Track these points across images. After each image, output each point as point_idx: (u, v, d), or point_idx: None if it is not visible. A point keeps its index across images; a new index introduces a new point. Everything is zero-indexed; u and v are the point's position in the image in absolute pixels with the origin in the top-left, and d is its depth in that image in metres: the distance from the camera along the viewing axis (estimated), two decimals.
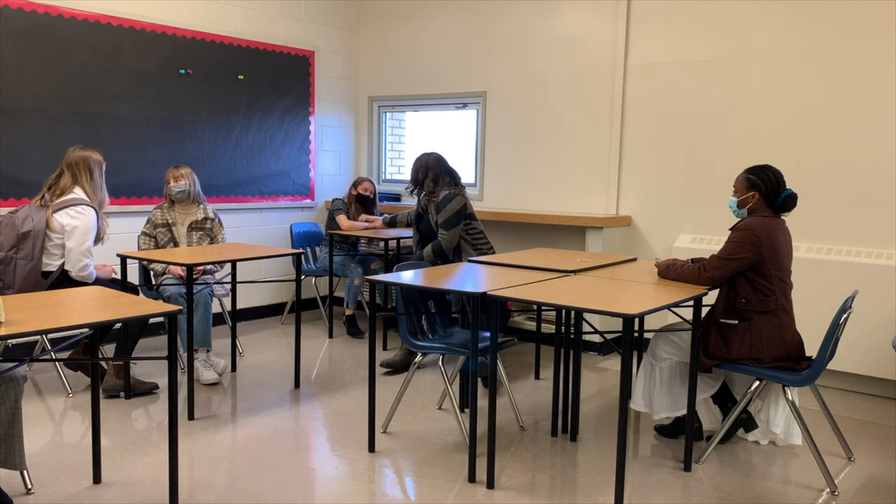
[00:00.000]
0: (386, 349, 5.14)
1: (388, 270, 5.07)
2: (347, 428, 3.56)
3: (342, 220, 5.46)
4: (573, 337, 3.50)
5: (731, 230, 3.18)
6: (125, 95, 4.98)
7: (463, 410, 3.84)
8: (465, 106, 6.03)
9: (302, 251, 4.33)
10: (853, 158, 4.34)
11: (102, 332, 4.52)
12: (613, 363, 4.88)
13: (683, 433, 3.46)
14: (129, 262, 4.16)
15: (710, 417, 3.51)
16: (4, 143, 4.46)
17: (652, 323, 4.66)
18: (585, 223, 4.94)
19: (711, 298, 3.36)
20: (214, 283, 4.54)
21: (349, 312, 5.44)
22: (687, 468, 3.15)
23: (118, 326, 4.40)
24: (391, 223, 5.21)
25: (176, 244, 4.46)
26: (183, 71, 5.27)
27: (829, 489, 3.00)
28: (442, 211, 4.39)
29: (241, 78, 5.63)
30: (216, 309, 5.27)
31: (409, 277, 3.23)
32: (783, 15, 4.50)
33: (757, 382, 3.16)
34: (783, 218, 3.24)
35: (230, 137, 5.62)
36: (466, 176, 5.98)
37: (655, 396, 3.38)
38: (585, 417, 3.79)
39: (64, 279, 3.84)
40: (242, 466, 3.09)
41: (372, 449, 3.29)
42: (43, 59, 4.58)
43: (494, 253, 4.56)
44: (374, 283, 3.20)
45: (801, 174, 4.50)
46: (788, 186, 3.25)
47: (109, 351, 4.79)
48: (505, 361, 4.82)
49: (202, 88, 5.40)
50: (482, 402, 3.89)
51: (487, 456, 2.94)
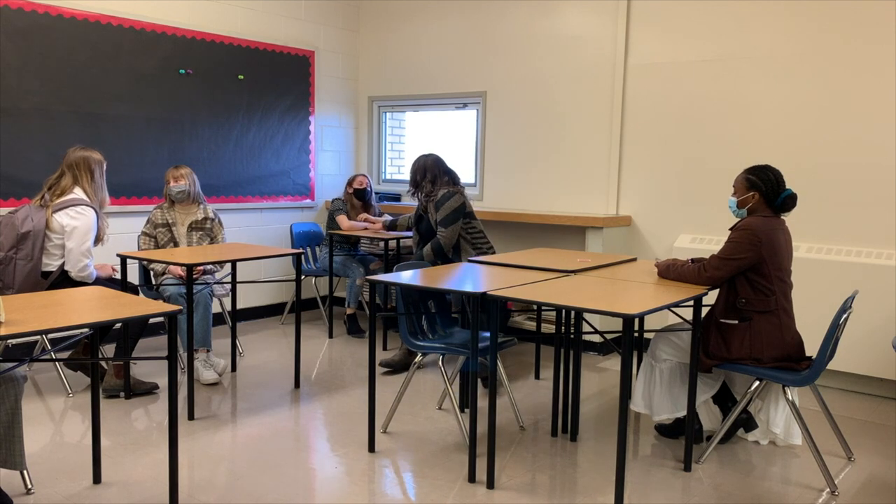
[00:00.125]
0: (386, 349, 5.14)
1: (388, 270, 5.07)
2: (347, 428, 3.56)
3: (342, 220, 5.47)
4: (573, 337, 3.50)
5: (730, 230, 3.18)
6: (125, 95, 4.98)
7: (463, 410, 3.84)
8: (465, 106, 6.03)
9: (302, 251, 4.33)
10: (853, 158, 4.34)
11: (102, 332, 4.52)
12: (613, 363, 4.88)
13: (684, 433, 3.46)
14: (129, 262, 4.16)
15: (710, 417, 3.51)
16: (4, 143, 4.46)
17: (652, 323, 4.66)
18: (585, 223, 4.94)
19: (711, 298, 3.36)
20: (214, 283, 4.54)
21: (350, 312, 5.44)
22: (687, 468, 3.15)
23: (118, 326, 4.40)
24: (391, 226, 5.21)
25: (176, 244, 4.46)
26: (183, 71, 5.28)
27: (829, 489, 3.00)
28: (441, 209, 4.39)
29: (241, 78, 5.64)
30: (216, 309, 5.27)
31: (409, 277, 3.23)
32: (783, 15, 4.51)
33: (757, 382, 3.16)
34: (783, 218, 3.24)
35: (230, 137, 5.62)
36: (466, 176, 5.99)
37: (655, 397, 3.38)
38: (585, 417, 3.79)
39: (64, 279, 3.84)
40: (242, 466, 3.09)
41: (372, 449, 3.29)
42: (43, 59, 4.58)
43: (494, 252, 4.56)
44: (373, 283, 3.21)
45: (801, 174, 4.50)
46: (788, 186, 3.25)
47: (109, 351, 4.79)
48: (505, 361, 4.82)
49: (202, 88, 5.41)
50: (482, 402, 3.89)
51: (487, 456, 2.94)
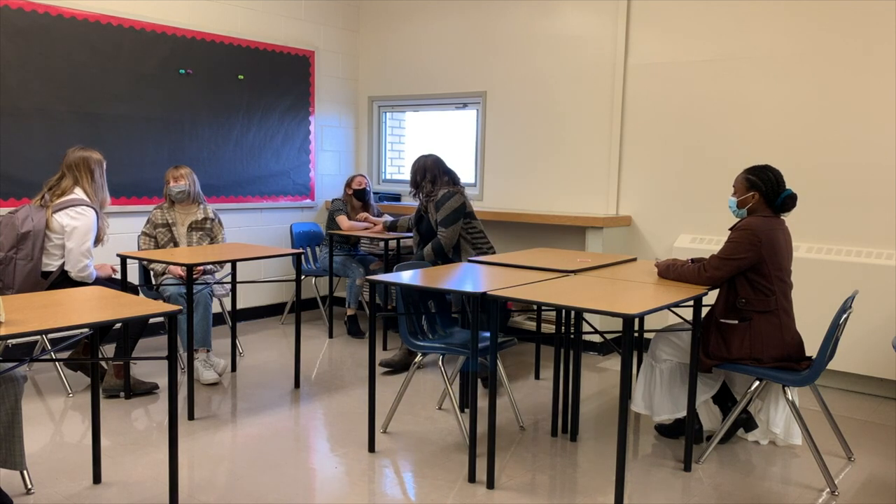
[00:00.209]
0: (386, 349, 5.14)
1: (388, 271, 5.07)
2: (347, 428, 3.56)
3: (342, 220, 5.47)
4: (573, 337, 3.50)
5: (730, 230, 3.18)
6: (125, 95, 4.98)
7: (463, 410, 3.84)
8: (465, 106, 6.03)
9: (302, 251, 4.33)
10: (853, 158, 4.34)
11: (102, 332, 4.52)
12: (613, 363, 4.88)
13: (684, 433, 3.46)
14: (129, 262, 4.16)
15: (710, 417, 3.51)
16: (4, 143, 4.46)
17: (652, 323, 4.66)
18: (585, 223, 4.94)
19: (711, 298, 3.36)
20: (214, 283, 4.54)
21: (351, 312, 5.44)
22: (687, 468, 3.15)
23: (118, 326, 4.40)
24: (392, 227, 5.21)
25: (176, 244, 4.46)
26: (183, 71, 5.28)
27: (829, 489, 3.00)
28: (441, 208, 4.40)
29: (241, 78, 5.64)
30: (216, 309, 5.27)
31: (409, 277, 3.23)
32: (783, 15, 4.50)
33: (757, 382, 3.16)
34: (783, 218, 3.24)
35: (230, 137, 5.62)
36: (466, 176, 5.99)
37: (656, 398, 3.37)
38: (585, 417, 3.79)
39: (64, 279, 3.84)
40: (242, 466, 3.09)
41: (372, 449, 3.29)
42: (43, 59, 4.58)
43: (494, 253, 4.56)
44: (374, 283, 3.20)
45: (801, 174, 4.50)
46: (788, 186, 3.25)
47: (109, 351, 4.79)
48: (505, 361, 4.82)
49: (202, 88, 5.41)
50: (482, 402, 3.89)
51: (487, 456, 2.94)
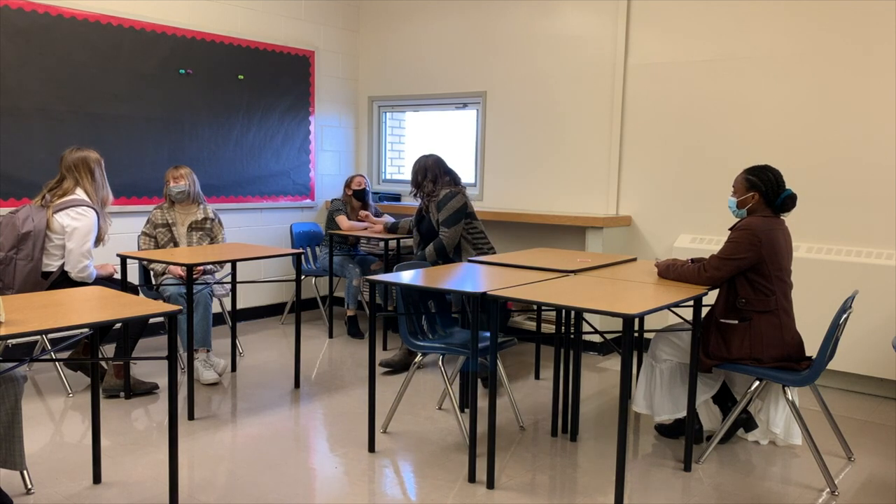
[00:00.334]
0: (386, 349, 5.14)
1: (388, 271, 5.07)
2: (347, 428, 3.56)
3: (342, 220, 5.47)
4: (573, 337, 3.50)
5: (730, 230, 3.18)
6: (125, 95, 4.98)
7: (463, 410, 3.84)
8: (465, 106, 6.03)
9: (302, 251, 4.33)
10: (853, 158, 4.34)
11: (102, 332, 4.52)
12: (613, 363, 4.88)
13: (684, 433, 3.46)
14: (129, 262, 4.16)
15: (710, 417, 3.51)
16: (4, 143, 4.46)
17: (652, 323, 4.66)
18: (585, 223, 4.94)
19: (711, 298, 3.36)
20: (214, 283, 4.54)
21: (350, 313, 5.44)
22: (687, 468, 3.15)
23: (118, 326, 4.40)
24: (392, 228, 5.21)
25: (176, 244, 4.46)
26: (183, 71, 5.27)
27: (829, 489, 3.00)
28: (443, 209, 4.40)
29: (241, 78, 5.64)
30: (216, 309, 5.27)
31: (408, 277, 3.23)
32: (783, 15, 4.50)
33: (757, 382, 3.16)
34: (783, 218, 3.24)
35: (230, 137, 5.62)
36: (466, 176, 5.99)
37: (656, 398, 3.37)
38: (585, 417, 3.79)
39: (64, 279, 3.84)
40: (242, 466, 3.09)
41: (372, 449, 3.29)
42: (43, 59, 4.58)
43: (495, 253, 4.56)
44: (374, 283, 3.20)
45: (801, 174, 4.50)
46: (788, 186, 3.25)
47: (109, 351, 4.79)
48: (505, 361, 4.82)
49: (202, 88, 5.41)
50: (482, 402, 3.89)
51: (487, 456, 2.94)
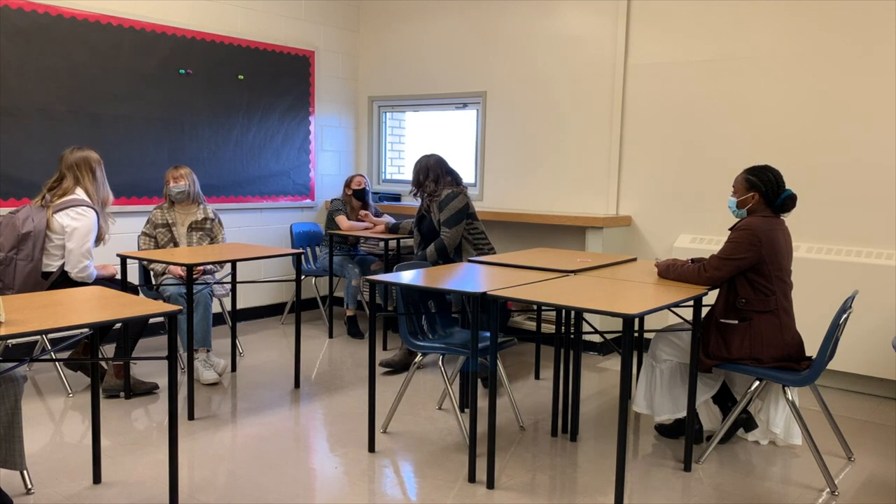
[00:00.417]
0: (386, 349, 5.14)
1: (387, 271, 5.07)
2: (347, 428, 3.56)
3: (342, 220, 5.47)
4: (573, 337, 3.50)
5: (730, 230, 3.18)
6: (125, 95, 4.98)
7: (463, 410, 3.84)
8: (465, 106, 6.03)
9: (302, 251, 4.33)
10: (853, 158, 4.34)
11: (102, 332, 4.52)
12: (613, 363, 4.88)
13: (684, 433, 3.46)
14: (129, 262, 4.15)
15: (710, 417, 3.51)
16: (4, 143, 4.46)
17: (652, 323, 4.66)
18: (585, 223, 4.94)
19: (711, 298, 3.36)
20: (214, 283, 4.54)
21: (350, 313, 5.44)
22: (687, 468, 3.15)
23: (118, 326, 4.40)
24: (393, 229, 5.21)
25: (176, 244, 4.46)
26: (183, 71, 5.27)
27: (829, 489, 3.00)
28: (445, 209, 4.40)
29: (241, 78, 5.63)
30: (216, 309, 5.27)
31: (408, 277, 3.23)
32: (783, 15, 4.50)
33: (757, 382, 3.16)
34: (783, 218, 3.24)
35: (230, 137, 5.62)
36: (466, 176, 5.98)
37: (656, 398, 3.37)
38: (585, 417, 3.79)
39: (64, 279, 3.84)
40: (242, 466, 3.09)
41: (372, 449, 3.29)
42: (43, 59, 4.58)
43: (495, 253, 4.56)
44: (373, 283, 3.20)
45: (801, 174, 4.50)
46: (788, 187, 3.25)
47: (109, 351, 4.79)
48: (505, 361, 4.82)
49: (202, 88, 5.41)
50: (482, 402, 3.89)
51: (487, 456, 2.94)
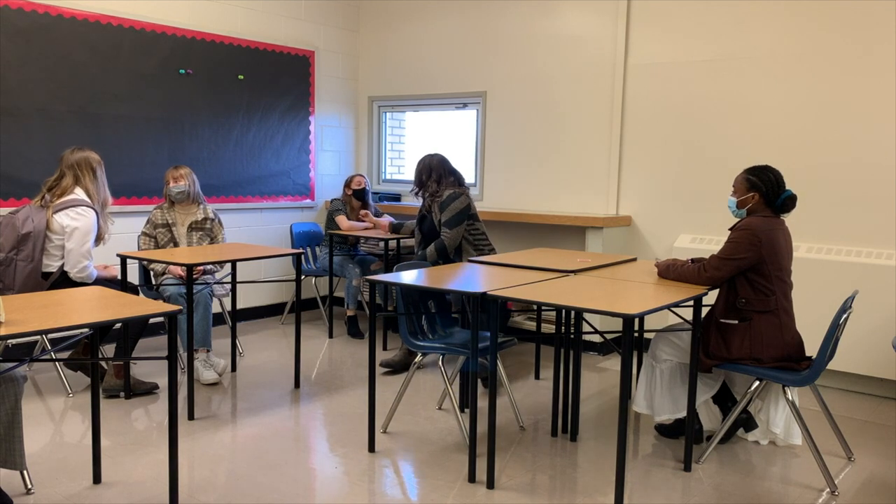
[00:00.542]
0: (386, 349, 5.14)
1: (387, 271, 5.07)
2: (347, 428, 3.56)
3: (342, 220, 5.47)
4: (573, 337, 3.50)
5: (730, 230, 3.18)
6: (125, 95, 4.98)
7: (463, 410, 3.84)
8: (465, 106, 6.03)
9: (302, 251, 4.33)
10: (853, 158, 4.34)
11: (102, 332, 4.52)
12: (613, 363, 4.88)
13: (684, 433, 3.46)
14: (129, 262, 4.15)
15: (710, 417, 3.51)
16: (4, 143, 4.46)
17: (652, 323, 4.66)
18: (585, 223, 4.94)
19: (711, 298, 3.36)
20: (214, 283, 4.54)
21: (350, 313, 5.44)
22: (687, 468, 3.15)
23: (118, 326, 4.40)
24: (395, 229, 5.21)
25: (176, 244, 4.46)
26: (183, 71, 5.27)
27: (829, 489, 3.00)
28: (446, 209, 4.39)
29: (241, 78, 5.63)
30: (216, 309, 5.27)
31: (408, 277, 3.23)
32: (783, 15, 4.50)
33: (757, 382, 3.16)
34: (783, 218, 3.24)
35: (230, 137, 5.62)
36: (466, 176, 5.95)
37: (656, 398, 3.37)
38: (585, 417, 3.79)
39: (64, 280, 3.84)
40: (242, 466, 3.09)
41: (372, 449, 3.29)
42: (43, 59, 4.58)
43: (495, 254, 4.56)
44: (373, 283, 3.20)
45: (801, 174, 4.50)
46: (788, 187, 3.25)
47: (109, 351, 4.79)
48: (505, 361, 4.82)
49: (202, 88, 5.40)
50: (482, 402, 3.89)
51: (487, 456, 2.94)
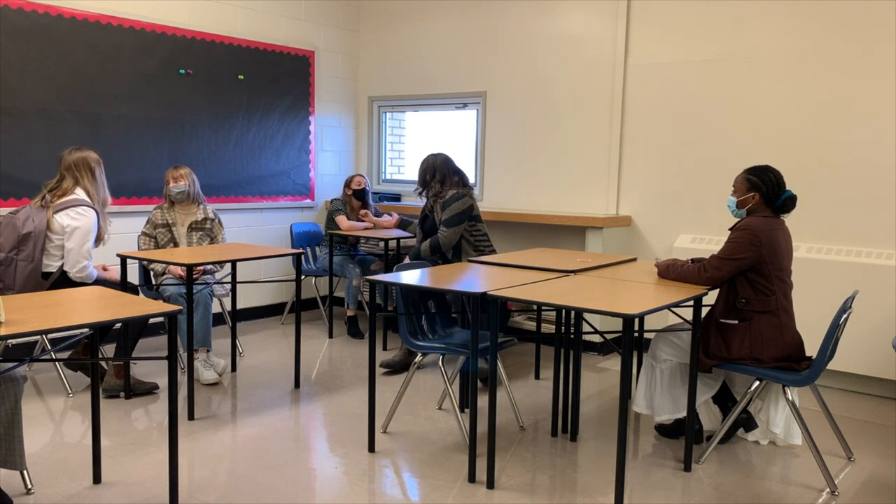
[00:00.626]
0: (386, 349, 5.14)
1: (388, 271, 5.07)
2: (347, 428, 3.56)
3: (342, 220, 5.47)
4: (573, 337, 3.50)
5: (730, 230, 3.18)
6: (125, 95, 4.98)
7: (463, 410, 3.84)
8: (465, 106, 6.03)
9: (302, 251, 4.33)
10: (853, 158, 4.34)
11: (102, 332, 4.52)
12: (613, 363, 4.88)
13: (684, 433, 3.46)
14: (129, 262, 4.15)
15: (710, 417, 3.51)
16: (4, 143, 4.46)
17: (652, 323, 4.66)
18: (585, 223, 4.94)
19: (711, 298, 3.36)
20: (214, 283, 4.54)
21: (350, 313, 5.44)
22: (687, 468, 3.15)
23: (118, 326, 4.40)
24: (404, 225, 5.25)
25: (176, 244, 4.46)
26: (183, 71, 5.27)
27: (829, 489, 3.00)
28: (447, 209, 4.40)
29: (241, 78, 5.63)
30: (216, 309, 5.27)
31: (408, 277, 3.23)
32: (783, 15, 4.50)
33: (757, 382, 3.16)
34: (783, 218, 3.24)
35: (230, 137, 5.62)
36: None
37: (656, 398, 3.37)
38: (585, 417, 3.79)
39: (64, 280, 3.84)
40: (242, 466, 3.09)
41: (372, 449, 3.29)
42: (43, 59, 4.58)
43: (495, 254, 4.56)
44: (373, 283, 3.20)
45: (801, 174, 4.50)
46: (788, 187, 3.25)
47: (109, 351, 4.79)
48: (505, 361, 4.82)
49: (202, 88, 5.40)
50: (482, 402, 3.89)
51: (487, 456, 2.94)
